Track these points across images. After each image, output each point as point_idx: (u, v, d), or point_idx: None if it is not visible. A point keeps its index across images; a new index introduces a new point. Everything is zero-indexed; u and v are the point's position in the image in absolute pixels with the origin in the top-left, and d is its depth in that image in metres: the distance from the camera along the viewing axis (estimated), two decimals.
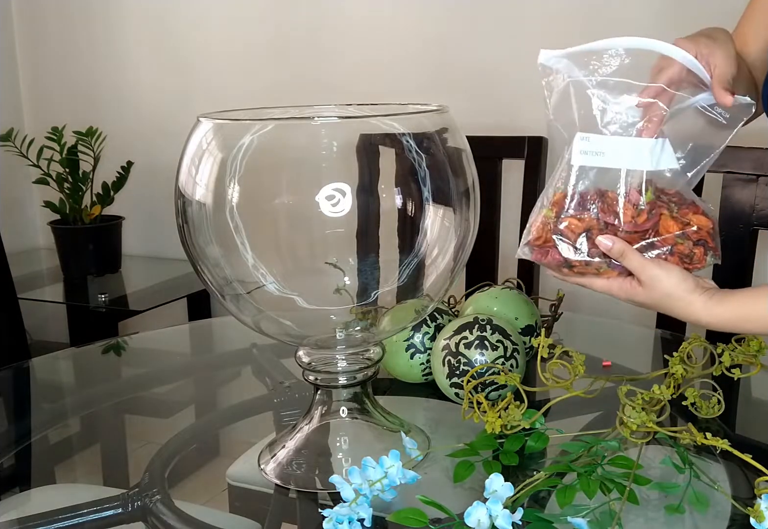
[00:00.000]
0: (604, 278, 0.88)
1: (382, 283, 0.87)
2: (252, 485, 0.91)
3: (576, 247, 0.85)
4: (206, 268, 0.86)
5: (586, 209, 0.85)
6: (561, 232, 0.85)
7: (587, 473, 0.77)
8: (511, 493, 0.74)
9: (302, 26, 2.19)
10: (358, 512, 0.75)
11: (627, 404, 0.85)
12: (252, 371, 1.27)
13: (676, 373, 0.93)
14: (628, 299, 0.88)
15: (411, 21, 2.08)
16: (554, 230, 0.85)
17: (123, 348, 1.41)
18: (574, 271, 0.87)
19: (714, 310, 0.84)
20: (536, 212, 0.88)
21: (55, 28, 2.48)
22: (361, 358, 0.90)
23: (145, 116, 2.42)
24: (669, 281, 0.84)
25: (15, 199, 2.52)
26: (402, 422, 0.95)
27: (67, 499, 0.88)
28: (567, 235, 0.85)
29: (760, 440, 1.00)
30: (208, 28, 2.30)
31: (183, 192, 0.85)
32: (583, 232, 0.85)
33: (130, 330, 2.26)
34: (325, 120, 0.83)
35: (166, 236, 2.39)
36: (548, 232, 0.86)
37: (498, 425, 0.88)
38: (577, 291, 1.98)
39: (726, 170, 1.43)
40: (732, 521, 0.79)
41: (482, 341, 1.00)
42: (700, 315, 0.85)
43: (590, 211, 0.85)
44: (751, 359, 0.99)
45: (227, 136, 0.84)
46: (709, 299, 0.84)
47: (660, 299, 0.86)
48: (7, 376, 1.25)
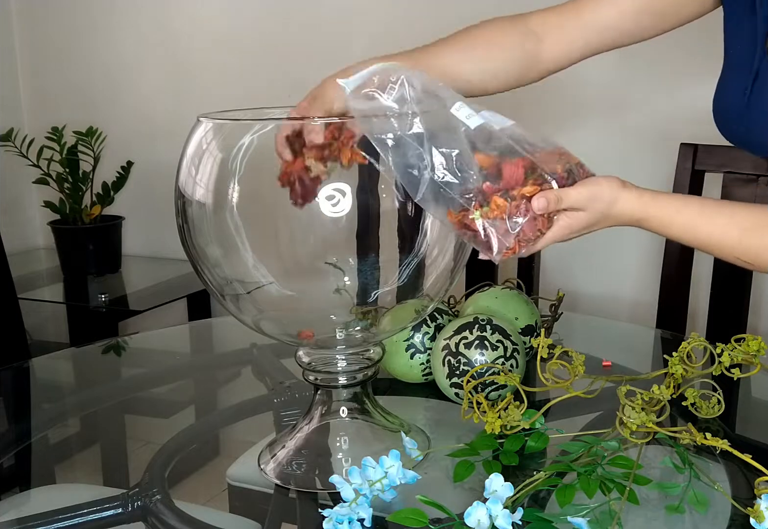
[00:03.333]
0: (545, 232, 0.86)
1: (382, 283, 0.87)
2: (252, 485, 0.91)
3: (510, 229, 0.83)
4: (206, 268, 0.86)
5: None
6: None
7: (587, 472, 0.77)
8: (511, 493, 0.74)
9: (302, 26, 2.19)
10: (358, 512, 0.75)
11: (627, 405, 0.85)
12: (252, 371, 1.27)
13: (676, 373, 0.93)
14: (571, 232, 0.87)
15: (411, 21, 2.08)
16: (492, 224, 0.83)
17: (123, 348, 1.41)
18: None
19: (647, 206, 0.86)
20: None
21: (55, 28, 2.48)
22: (361, 358, 0.90)
23: (145, 116, 2.42)
24: (603, 188, 0.85)
25: (15, 199, 2.52)
26: (402, 422, 0.95)
27: (67, 499, 0.88)
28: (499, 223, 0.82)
29: (760, 440, 1.00)
30: (208, 29, 2.30)
31: (183, 192, 0.85)
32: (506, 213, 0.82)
33: (130, 330, 2.26)
34: (325, 120, 0.83)
35: (166, 236, 2.39)
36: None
37: (498, 425, 0.88)
38: (577, 291, 1.98)
39: (726, 170, 1.43)
40: (732, 521, 0.79)
41: (482, 341, 1.00)
42: (633, 210, 0.86)
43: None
44: (750, 358, 0.99)
45: (227, 136, 0.84)
46: (641, 196, 0.86)
47: (602, 209, 0.85)
48: (7, 376, 1.25)
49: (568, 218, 0.85)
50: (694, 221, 0.87)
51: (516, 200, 0.81)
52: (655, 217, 0.87)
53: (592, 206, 0.85)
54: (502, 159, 0.82)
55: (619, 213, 0.86)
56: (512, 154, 0.82)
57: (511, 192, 0.82)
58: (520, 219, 0.82)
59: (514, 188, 0.82)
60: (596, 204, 0.85)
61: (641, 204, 0.86)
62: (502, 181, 0.81)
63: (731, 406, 1.03)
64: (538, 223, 0.83)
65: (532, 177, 0.82)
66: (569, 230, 0.86)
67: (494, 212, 0.82)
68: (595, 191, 0.85)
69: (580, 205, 0.84)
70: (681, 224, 0.87)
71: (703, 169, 1.47)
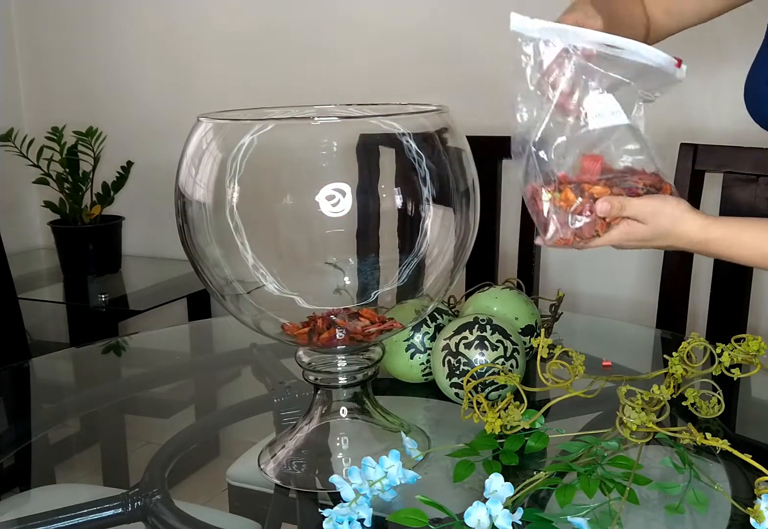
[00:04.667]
0: (602, 234, 0.89)
1: (382, 283, 0.87)
2: (252, 485, 0.91)
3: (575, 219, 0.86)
4: (206, 268, 0.86)
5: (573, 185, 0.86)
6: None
7: (587, 472, 0.77)
8: (510, 493, 0.74)
9: (302, 26, 2.19)
10: (358, 512, 0.75)
11: (627, 405, 0.85)
12: (252, 371, 1.27)
13: (676, 373, 0.93)
14: (628, 240, 0.89)
15: (411, 21, 2.08)
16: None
17: (123, 348, 1.41)
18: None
19: (710, 227, 0.87)
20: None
21: (55, 28, 2.48)
22: (361, 358, 0.90)
23: (145, 116, 2.42)
24: (668, 206, 0.86)
25: (15, 199, 2.52)
26: (402, 422, 0.95)
27: (67, 499, 0.88)
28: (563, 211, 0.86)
29: (760, 440, 1.00)
30: (207, 29, 2.30)
31: (183, 192, 0.85)
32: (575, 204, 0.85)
33: (130, 330, 2.26)
34: (325, 120, 0.83)
35: (166, 236, 2.39)
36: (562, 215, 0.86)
37: (498, 425, 0.88)
38: (577, 291, 1.98)
39: (726, 170, 1.43)
40: (732, 521, 0.79)
41: (482, 341, 1.00)
42: (694, 232, 0.87)
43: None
44: (750, 358, 0.99)
45: (227, 136, 0.84)
46: (705, 219, 0.88)
47: (664, 226, 0.87)
48: (7, 376, 1.25)
49: (628, 226, 0.87)
50: (759, 238, 0.87)
51: (584, 198, 0.83)
52: (717, 238, 0.87)
53: (654, 220, 0.86)
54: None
55: (680, 233, 0.87)
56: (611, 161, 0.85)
57: (582, 185, 0.83)
58: (581, 217, 0.84)
59: (588, 182, 0.84)
60: (659, 219, 0.86)
61: (705, 225, 0.87)
62: (579, 171, 0.84)
63: (731, 406, 1.03)
64: (597, 224, 0.85)
65: (606, 177, 0.84)
66: (626, 237, 0.88)
67: (561, 203, 0.84)
68: (659, 207, 0.86)
69: (642, 217, 0.86)
70: (745, 242, 0.87)
71: (703, 169, 1.47)
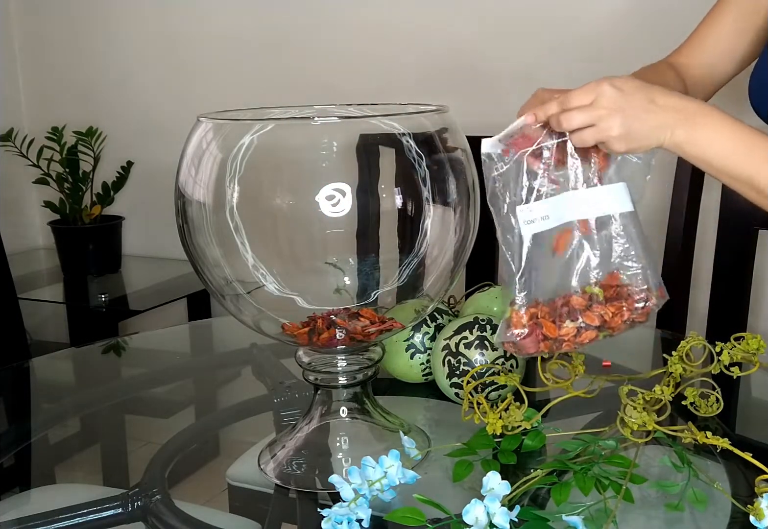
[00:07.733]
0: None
1: (382, 283, 0.87)
2: (252, 485, 0.91)
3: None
4: (206, 268, 0.86)
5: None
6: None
7: (583, 470, 0.77)
8: (507, 491, 0.73)
9: (302, 26, 2.19)
10: (357, 513, 0.75)
11: (628, 404, 0.85)
12: (252, 371, 1.27)
13: (675, 372, 0.93)
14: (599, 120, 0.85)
15: (411, 21, 2.08)
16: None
17: (123, 348, 1.41)
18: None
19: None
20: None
21: (55, 28, 2.48)
22: (361, 358, 0.90)
23: (145, 116, 2.42)
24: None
25: (15, 199, 2.52)
26: (402, 422, 0.95)
27: (67, 499, 0.88)
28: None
29: (759, 440, 1.00)
30: (207, 29, 2.30)
31: (183, 192, 0.85)
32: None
33: (130, 330, 2.26)
34: (325, 120, 0.83)
35: (166, 236, 2.39)
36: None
37: (499, 426, 0.88)
38: None
39: None
40: (732, 519, 0.79)
41: (482, 341, 1.00)
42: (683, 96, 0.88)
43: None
44: (750, 357, 0.99)
45: (227, 136, 0.84)
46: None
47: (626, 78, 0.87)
48: (7, 376, 1.25)
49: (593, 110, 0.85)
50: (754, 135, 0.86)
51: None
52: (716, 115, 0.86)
53: (606, 80, 0.85)
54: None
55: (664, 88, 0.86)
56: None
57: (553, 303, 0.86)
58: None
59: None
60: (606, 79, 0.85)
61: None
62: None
63: (730, 405, 1.03)
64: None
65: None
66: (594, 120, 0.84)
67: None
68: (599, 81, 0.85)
69: (586, 95, 0.85)
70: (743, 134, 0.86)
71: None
